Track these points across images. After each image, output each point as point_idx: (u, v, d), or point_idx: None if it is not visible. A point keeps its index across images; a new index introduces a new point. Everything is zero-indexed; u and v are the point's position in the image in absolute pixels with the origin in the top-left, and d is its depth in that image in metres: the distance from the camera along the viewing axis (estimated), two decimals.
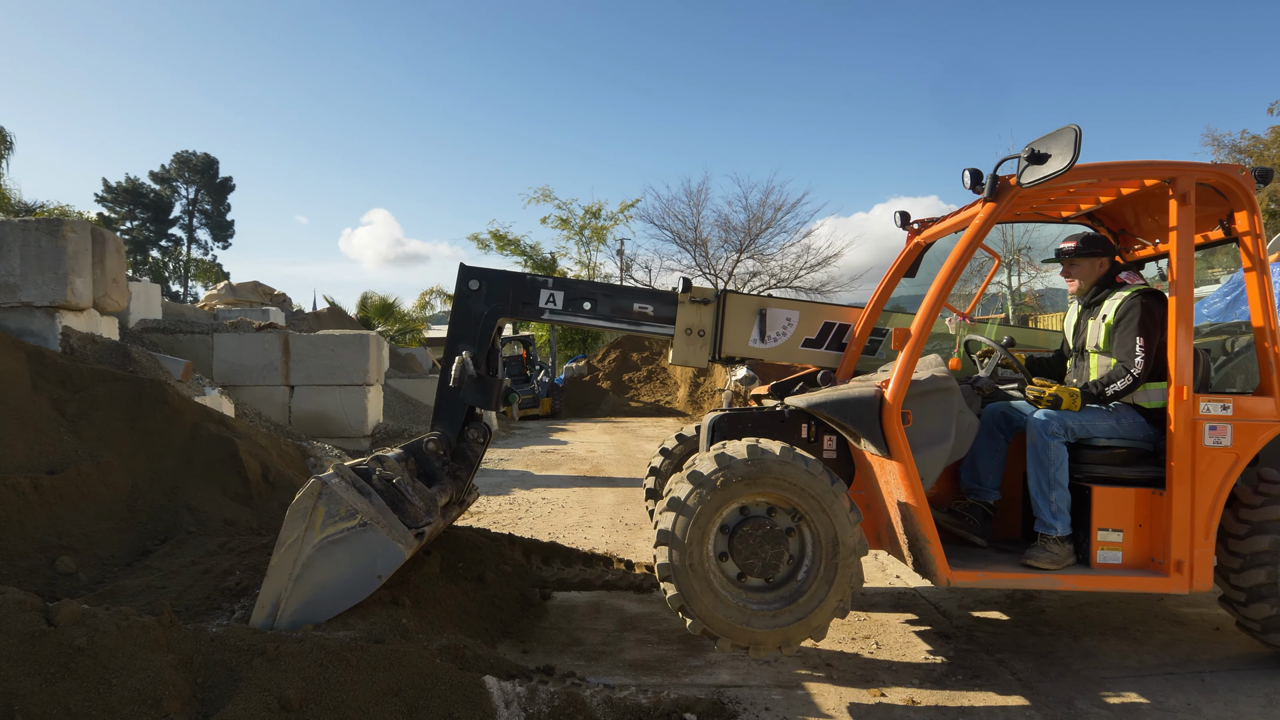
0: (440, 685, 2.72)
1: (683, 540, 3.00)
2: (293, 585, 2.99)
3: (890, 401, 3.12)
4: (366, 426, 9.71)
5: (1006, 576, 3.26)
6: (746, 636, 3.03)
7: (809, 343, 3.96)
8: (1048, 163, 2.98)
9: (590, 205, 28.22)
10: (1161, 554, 3.21)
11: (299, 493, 3.06)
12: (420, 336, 29.22)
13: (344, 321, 17.82)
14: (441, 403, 3.68)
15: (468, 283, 3.69)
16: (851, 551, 3.05)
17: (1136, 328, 3.29)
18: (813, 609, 3.04)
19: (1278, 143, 30.34)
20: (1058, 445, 3.30)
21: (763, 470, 3.02)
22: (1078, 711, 2.95)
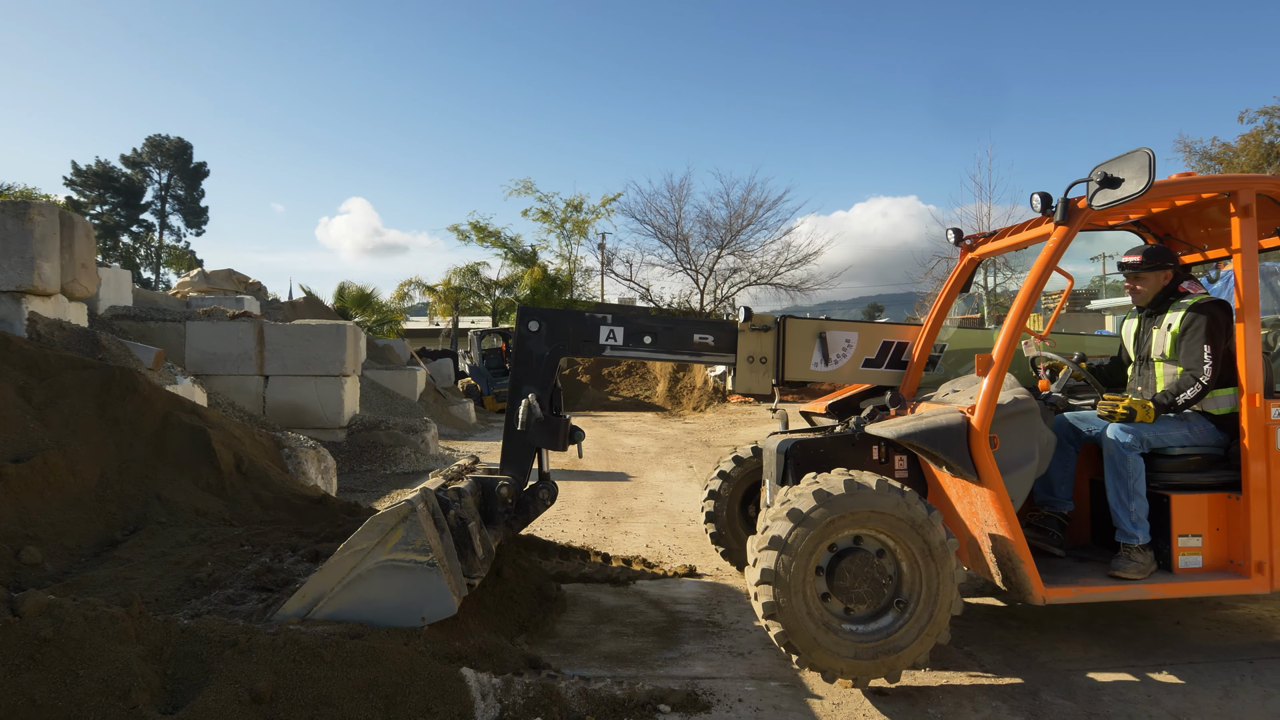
0: (418, 679, 2.71)
1: (786, 579, 2.99)
2: (340, 589, 3.00)
3: (978, 427, 3.15)
4: (343, 418, 9.62)
5: (1100, 590, 3.31)
6: (853, 668, 3.02)
7: (869, 363, 4.03)
8: (1121, 186, 3.07)
9: (572, 198, 28.12)
10: (1241, 556, 3.32)
11: (388, 506, 3.06)
12: (398, 327, 28.98)
13: (321, 311, 17.61)
14: (510, 446, 3.68)
15: (528, 324, 3.69)
16: (950, 577, 3.07)
17: (1204, 337, 3.37)
18: (915, 636, 3.05)
19: (1247, 150, 30.94)
20: (1135, 457, 3.37)
21: (860, 504, 3.03)
22: (1043, 702, 3.01)
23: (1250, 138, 31.10)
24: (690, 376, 19.78)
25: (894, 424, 3.36)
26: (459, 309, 28.21)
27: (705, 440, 12.18)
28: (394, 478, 8.68)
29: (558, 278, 28.22)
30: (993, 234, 4.10)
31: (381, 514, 3.02)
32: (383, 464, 9.20)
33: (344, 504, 5.13)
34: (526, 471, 3.72)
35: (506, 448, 3.69)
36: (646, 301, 26.53)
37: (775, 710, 2.96)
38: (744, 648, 3.57)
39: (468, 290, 28.85)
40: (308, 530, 4.58)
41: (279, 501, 4.91)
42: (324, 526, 4.61)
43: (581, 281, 29.55)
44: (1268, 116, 31.59)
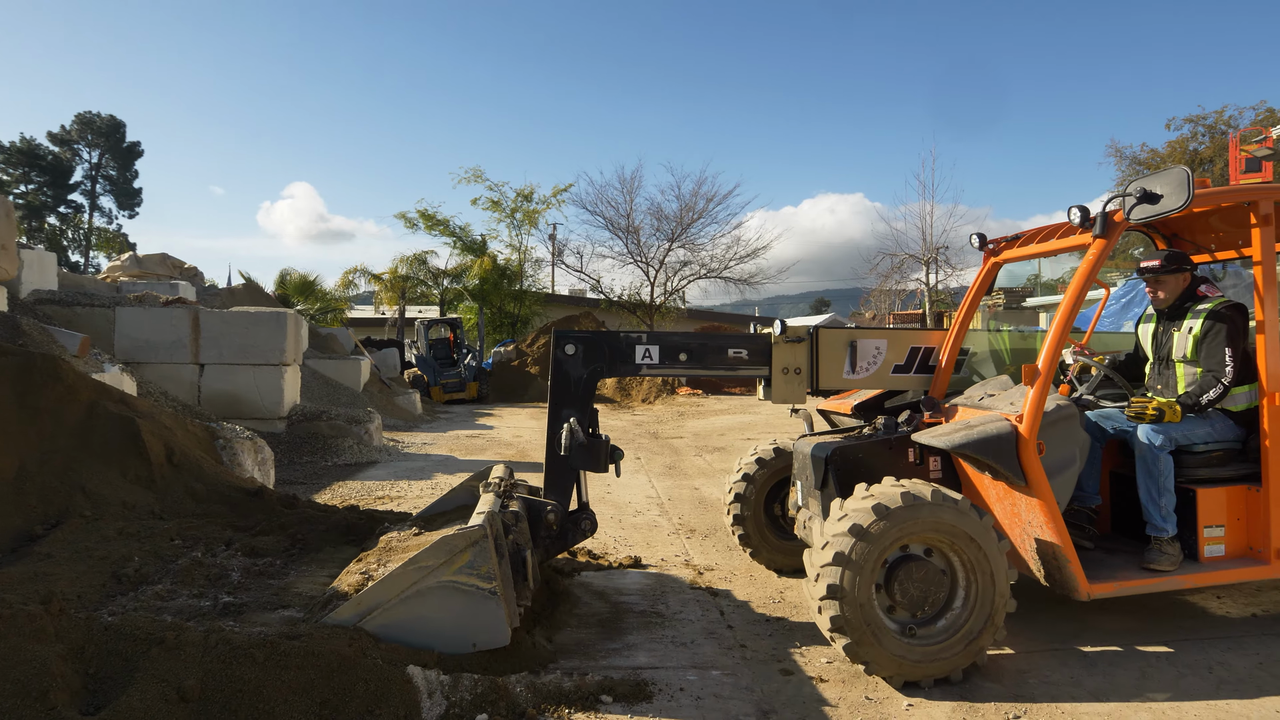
0: (359, 680, 2.66)
1: (852, 592, 3.06)
2: (397, 602, 2.94)
3: (1026, 435, 3.27)
4: (282, 408, 9.37)
5: (1140, 583, 3.46)
6: (917, 671, 3.11)
7: (898, 369, 4.15)
8: (1160, 201, 3.26)
9: (522, 188, 27.80)
10: (1261, 544, 3.54)
11: (460, 528, 3.04)
12: (343, 316, 28.29)
13: (261, 299, 17.06)
14: (552, 471, 3.67)
15: (564, 347, 3.68)
16: (1005, 579, 3.18)
17: (1225, 340, 3.57)
18: (973, 638, 3.16)
19: (1173, 156, 32.40)
20: (1165, 456, 3.54)
21: (919, 515, 3.12)
22: (972, 685, 3.11)
23: (1176, 144, 32.56)
24: None
25: (945, 434, 3.46)
26: (406, 298, 27.65)
27: (653, 432, 12.23)
28: (335, 469, 8.49)
29: (508, 268, 27.91)
30: (1016, 238, 4.23)
31: (451, 535, 2.98)
32: (324, 455, 8.99)
33: (281, 496, 5.00)
34: (569, 496, 3.71)
35: (549, 472, 3.67)
36: (597, 293, 26.45)
37: (716, 698, 3.00)
38: (687, 637, 3.60)
39: (415, 279, 28.31)
40: (243, 523, 4.46)
41: (213, 494, 4.76)
42: (260, 519, 4.50)
43: (532, 272, 29.31)
44: (1192, 124, 33.12)
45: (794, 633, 3.68)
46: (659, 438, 11.50)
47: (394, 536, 3.82)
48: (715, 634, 3.65)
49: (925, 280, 25.51)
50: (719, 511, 6.26)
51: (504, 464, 4.25)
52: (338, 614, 2.95)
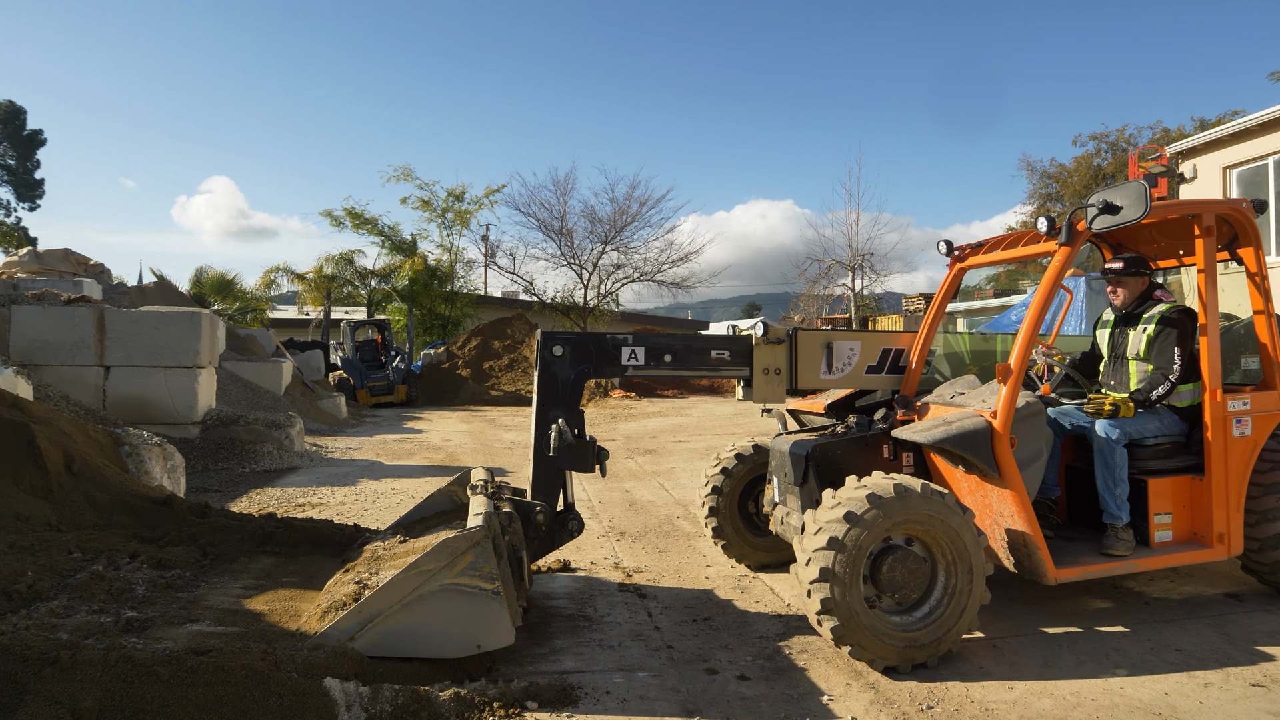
0: (272, 695, 2.57)
1: (842, 576, 3.19)
2: (399, 609, 2.90)
3: (1000, 430, 3.48)
4: (196, 412, 8.96)
5: (1100, 568, 3.69)
6: (897, 655, 3.25)
7: (871, 369, 4.31)
8: (1121, 212, 3.49)
9: (454, 188, 27.33)
10: (1204, 529, 3.85)
11: (459, 531, 3.00)
12: (264, 317, 27.25)
13: (174, 298, 16.27)
14: (540, 472, 3.65)
15: (551, 348, 3.68)
16: (981, 570, 3.36)
17: (1175, 341, 3.86)
18: (952, 625, 3.33)
19: (1079, 171, 34.27)
20: (1120, 449, 3.79)
21: (909, 506, 3.27)
22: (890, 678, 3.21)
23: (1082, 160, 34.44)
24: None
25: (925, 429, 3.62)
26: (331, 298, 26.82)
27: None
28: (253, 476, 8.17)
29: (438, 269, 27.40)
30: (980, 245, 4.46)
31: (453, 537, 2.95)
32: (241, 462, 8.64)
33: (192, 505, 4.79)
34: (557, 497, 3.71)
35: (537, 473, 3.68)
36: (530, 295, 26.24)
37: (642, 700, 3.02)
38: (614, 640, 3.61)
39: (341, 279, 27.49)
40: (149, 535, 4.25)
41: (116, 504, 4.52)
42: (168, 530, 4.30)
43: (463, 273, 28.85)
44: (1096, 141, 35.08)
45: (721, 632, 3.73)
46: None
47: (379, 546, 3.77)
48: (643, 636, 3.67)
49: (851, 286, 26.24)
50: (649, 514, 6.29)
51: (483, 468, 4.24)
52: (339, 625, 2.90)
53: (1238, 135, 13.51)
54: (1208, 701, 3.01)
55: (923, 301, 26.31)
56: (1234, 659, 3.38)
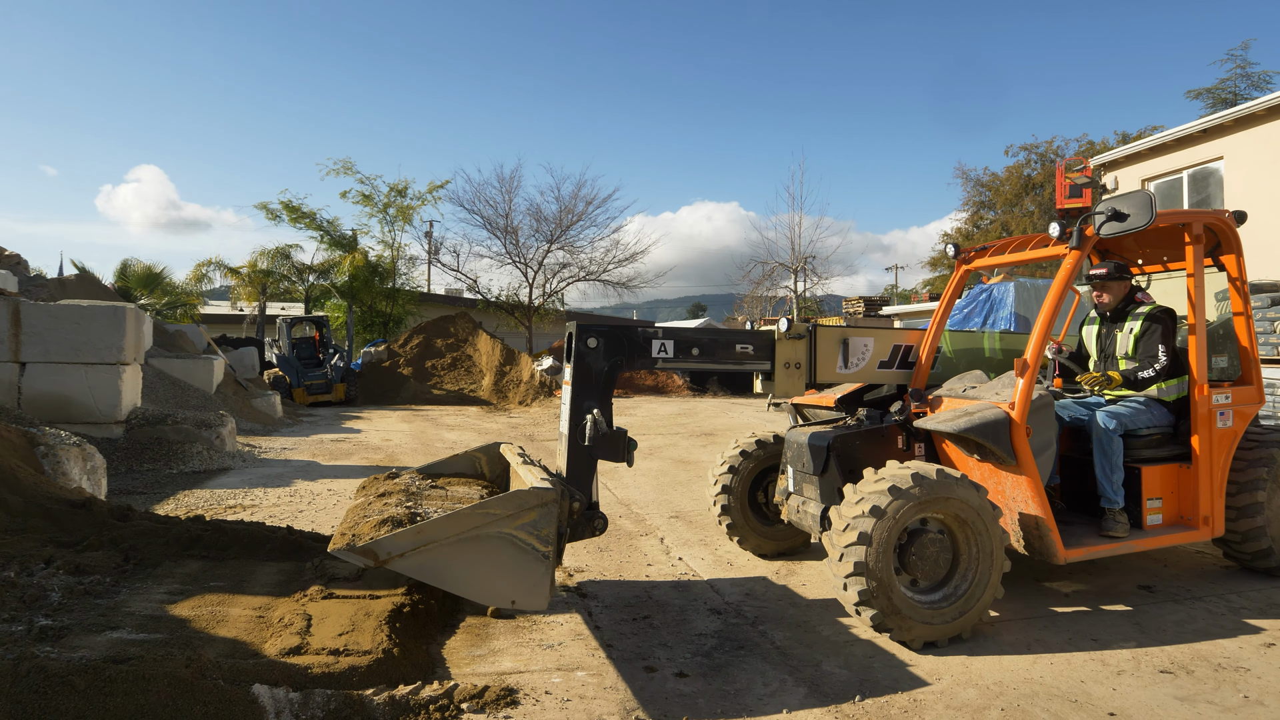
0: (196, 704, 2.50)
1: (875, 568, 3.42)
2: (453, 543, 2.99)
3: (1018, 420, 3.74)
4: (120, 411, 8.58)
5: (1103, 548, 3.98)
6: (934, 631, 3.50)
7: (884, 364, 4.52)
8: (1128, 220, 3.77)
9: (396, 183, 26.82)
10: (1190, 512, 4.21)
11: (535, 484, 3.11)
12: (195, 312, 26.25)
13: (97, 291, 15.54)
14: (574, 462, 3.68)
15: (586, 340, 3.72)
16: (1002, 550, 3.61)
17: (1159, 337, 4.27)
18: (975, 602, 3.58)
19: (1010, 180, 35.61)
20: (1117, 438, 4.10)
21: (928, 492, 3.51)
22: (823, 672, 3.29)
23: (1014, 169, 35.81)
24: (517, 370, 19.59)
25: (949, 419, 3.85)
26: (267, 294, 26.04)
27: (530, 435, 12.12)
28: (181, 477, 7.88)
29: (380, 265, 26.84)
30: (985, 249, 4.73)
31: (524, 490, 3.05)
32: (168, 462, 8.32)
33: (114, 508, 4.59)
34: (590, 487, 3.73)
35: (571, 463, 3.67)
36: (474, 293, 25.93)
37: (581, 700, 3.02)
38: (554, 640, 3.60)
39: (278, 274, 26.70)
40: (67, 539, 4.07)
41: (30, 507, 4.31)
42: (87, 534, 4.12)
43: (406, 270, 28.32)
44: (1027, 152, 36.50)
45: (660, 630, 3.75)
46: (535, 440, 11.41)
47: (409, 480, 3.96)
48: (582, 635, 3.67)
49: (794, 288, 26.69)
50: None
51: (512, 443, 4.36)
52: (395, 538, 2.96)
53: (1156, 150, 14.23)
54: (1120, 688, 3.16)
55: (862, 304, 26.87)
56: (1145, 647, 3.56)
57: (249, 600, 3.64)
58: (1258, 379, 4.46)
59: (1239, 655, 3.46)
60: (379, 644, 3.15)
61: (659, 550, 5.18)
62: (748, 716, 2.93)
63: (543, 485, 3.11)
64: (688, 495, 7.13)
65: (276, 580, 3.95)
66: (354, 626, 3.32)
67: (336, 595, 3.70)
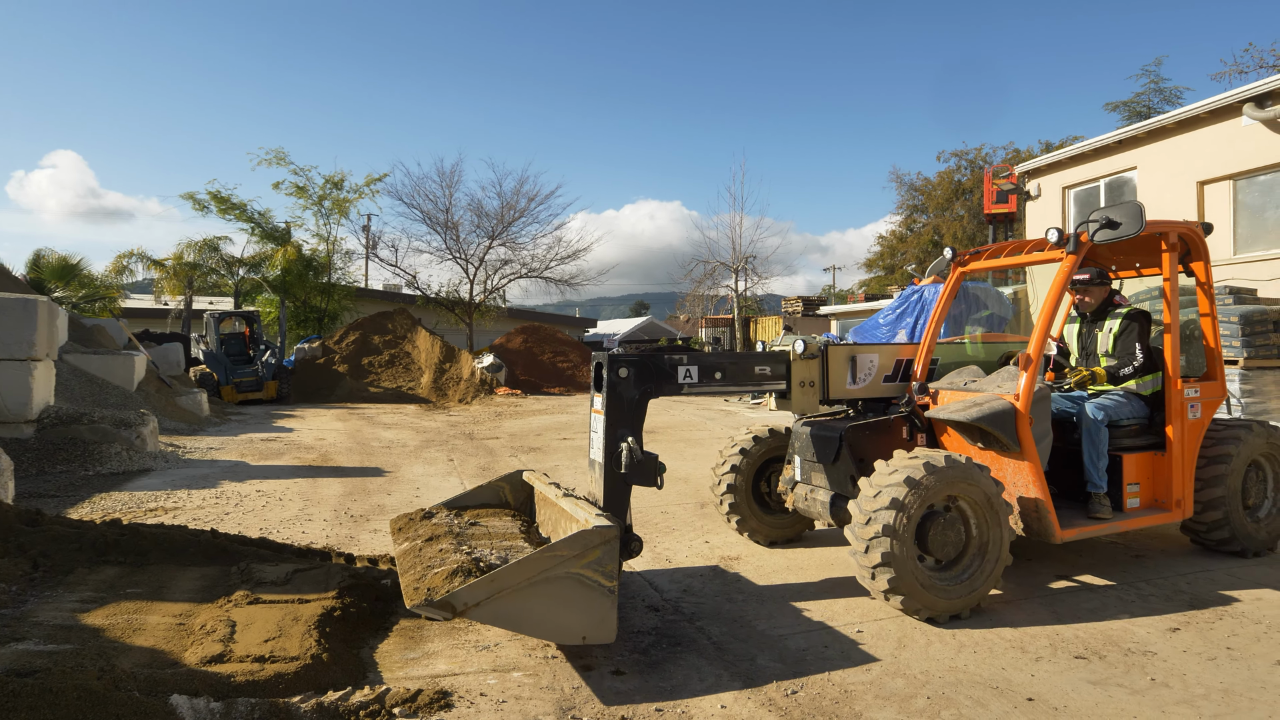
0: (109, 716, 2.38)
1: (899, 556, 3.70)
2: (526, 586, 3.06)
3: (1023, 410, 4.08)
4: (31, 409, 8.14)
5: (1093, 529, 4.33)
6: (942, 605, 3.78)
7: (888, 378, 4.88)
8: (1120, 228, 4.12)
9: (332, 175, 26.12)
10: (1164, 496, 4.63)
11: (595, 525, 3.19)
12: (115, 306, 25.04)
13: (8, 283, 14.68)
14: (611, 490, 3.78)
15: (618, 370, 3.83)
16: (1008, 525, 3.95)
17: (1136, 336, 4.72)
18: (984, 579, 3.91)
19: (941, 185, 36.75)
20: (1104, 428, 4.47)
21: (958, 476, 3.84)
22: (758, 667, 3.34)
23: (945, 175, 36.97)
24: (457, 368, 19.30)
25: (959, 410, 4.17)
26: (194, 288, 25.03)
27: (469, 433, 11.97)
28: (98, 479, 7.51)
29: (314, 259, 26.10)
30: (979, 252, 5.12)
31: (588, 530, 3.15)
32: (84, 464, 7.92)
33: (21, 512, 4.35)
34: (626, 513, 3.81)
35: (609, 491, 3.77)
36: (413, 289, 25.44)
37: (517, 700, 3.00)
38: (489, 641, 3.56)
39: (205, 267, 25.71)
40: None
41: None
42: None
43: (342, 265, 27.62)
44: (958, 158, 37.72)
45: None
46: (474, 438, 11.27)
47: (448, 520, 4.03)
48: (517, 637, 3.63)
49: (734, 287, 27.00)
50: None
51: (534, 471, 4.42)
52: (471, 589, 3.01)
53: (1075, 159, 14.89)
54: (1038, 674, 3.30)
55: (801, 304, 27.36)
56: (1061, 635, 3.72)
57: (169, 607, 3.50)
58: (1221, 375, 4.89)
59: (1146, 640, 3.65)
60: (307, 649, 3.07)
61: None
62: (684, 711, 2.95)
63: (603, 523, 3.22)
64: None
65: (200, 586, 3.81)
66: (281, 632, 3.22)
67: (263, 600, 3.59)
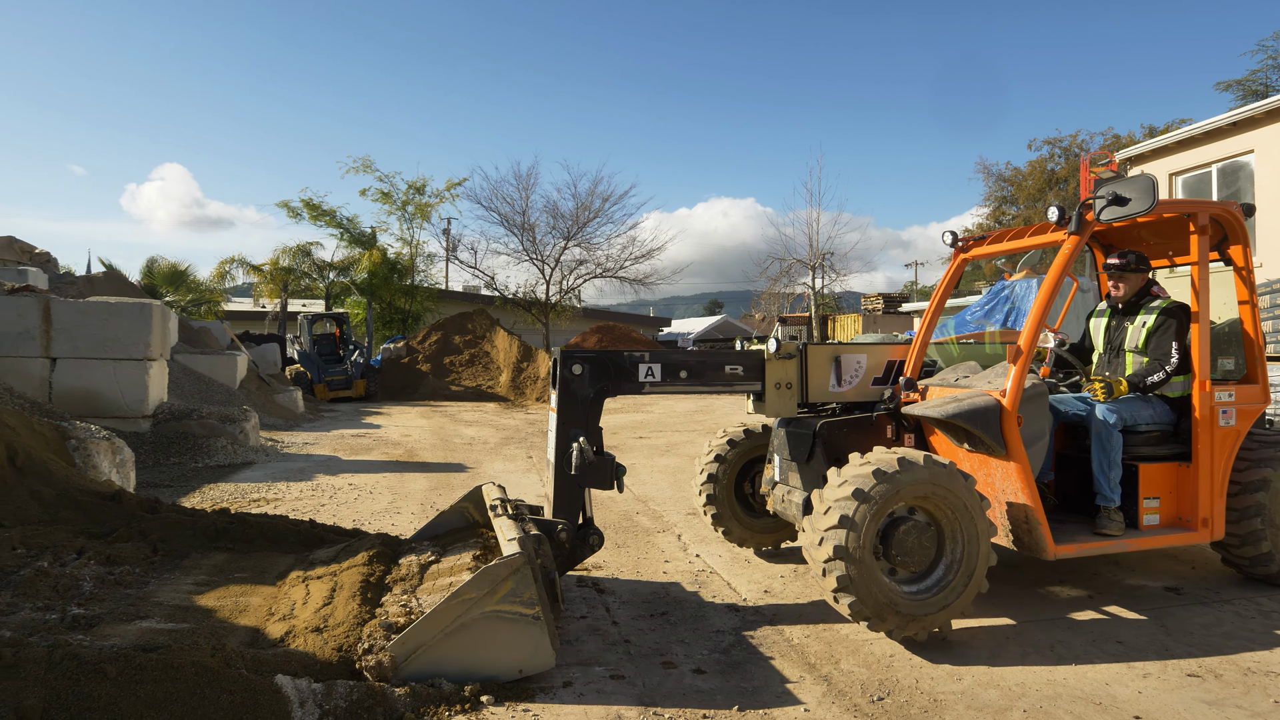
0: (222, 692, 2.54)
1: (856, 553, 3.29)
2: (441, 638, 2.94)
3: (1009, 408, 3.59)
4: (147, 406, 8.73)
5: (1095, 545, 3.85)
6: (912, 625, 3.38)
7: (878, 380, 4.43)
8: (1129, 204, 3.58)
9: (415, 180, 27.10)
10: (1189, 513, 4.01)
11: (499, 559, 3.01)
12: (218, 309, 26.62)
13: (124, 288, 15.80)
14: (561, 490, 3.68)
15: (571, 367, 3.69)
16: (987, 541, 3.48)
17: (1174, 334, 4.05)
18: (959, 594, 3.45)
19: (1033, 175, 35.13)
20: (1116, 433, 3.93)
21: (914, 478, 3.38)
22: (841, 670, 3.29)
23: (1036, 164, 35.35)
24: (534, 367, 19.66)
25: (937, 406, 3.74)
26: (288, 291, 26.33)
27: (546, 431, 12.18)
28: (206, 471, 8.00)
29: (398, 262, 27.06)
30: (983, 238, 4.56)
31: (494, 565, 2.98)
32: (194, 456, 8.45)
33: (142, 500, 4.68)
34: (578, 514, 3.74)
35: (558, 492, 3.67)
36: (491, 290, 26.06)
37: (599, 694, 3.04)
38: (571, 635, 3.62)
39: (299, 271, 27.00)
40: (98, 530, 4.16)
41: (62, 499, 4.40)
42: (117, 525, 4.20)
43: (424, 267, 28.55)
44: (1051, 146, 36.04)
45: (678, 627, 3.77)
46: None
47: (412, 561, 3.80)
48: (599, 630, 3.69)
49: (811, 284, 26.56)
50: (608, 509, 6.32)
51: (494, 484, 4.26)
52: (393, 649, 2.93)
53: (1183, 143, 13.99)
54: (1145, 691, 3.13)
55: (881, 301, 26.69)
56: (1171, 650, 3.51)
57: (269, 590, 3.70)
58: (1263, 377, 4.23)
59: (1269, 660, 3.42)
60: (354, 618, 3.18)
61: (676, 547, 5.19)
62: (765, 714, 2.93)
63: (510, 554, 3.05)
64: None
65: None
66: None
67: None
